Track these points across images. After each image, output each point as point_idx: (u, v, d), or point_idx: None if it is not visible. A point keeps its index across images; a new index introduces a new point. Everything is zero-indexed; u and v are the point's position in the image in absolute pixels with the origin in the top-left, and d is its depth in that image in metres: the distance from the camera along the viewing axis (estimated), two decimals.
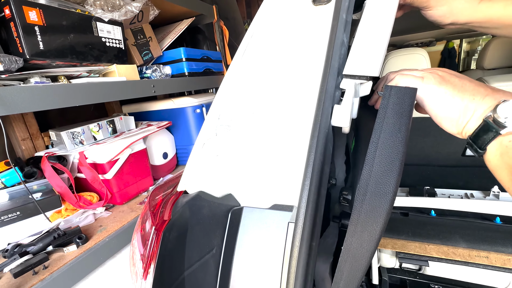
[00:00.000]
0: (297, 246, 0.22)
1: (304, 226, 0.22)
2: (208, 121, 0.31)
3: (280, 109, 0.30)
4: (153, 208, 0.28)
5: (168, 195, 0.29)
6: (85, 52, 0.85)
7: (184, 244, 0.25)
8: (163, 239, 0.23)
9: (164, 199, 0.29)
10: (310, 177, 0.23)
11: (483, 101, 0.29)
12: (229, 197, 0.30)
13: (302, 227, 0.22)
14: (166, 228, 0.23)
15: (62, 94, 0.74)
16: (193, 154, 0.29)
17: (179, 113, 1.37)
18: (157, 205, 0.29)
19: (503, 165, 0.27)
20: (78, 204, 0.92)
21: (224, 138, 0.29)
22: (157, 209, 0.28)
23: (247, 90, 0.31)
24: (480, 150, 0.29)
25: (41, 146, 1.11)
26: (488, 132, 0.28)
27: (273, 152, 0.29)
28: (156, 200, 0.30)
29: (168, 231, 0.23)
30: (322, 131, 0.24)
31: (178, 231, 0.24)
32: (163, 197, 0.30)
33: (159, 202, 0.29)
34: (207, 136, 0.30)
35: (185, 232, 0.25)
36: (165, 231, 0.23)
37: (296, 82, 0.30)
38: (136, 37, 1.11)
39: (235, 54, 0.33)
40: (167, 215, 0.25)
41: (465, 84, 0.31)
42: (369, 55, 0.28)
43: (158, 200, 0.30)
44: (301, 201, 0.23)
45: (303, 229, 0.22)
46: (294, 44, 0.31)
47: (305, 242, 0.21)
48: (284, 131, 0.29)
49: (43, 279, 0.67)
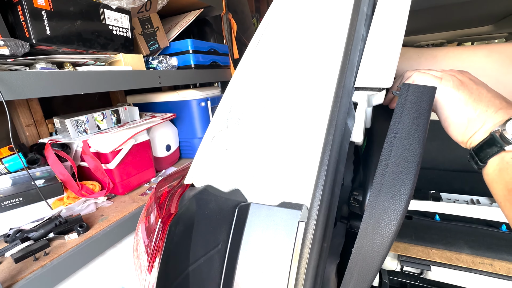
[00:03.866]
0: (308, 247, 0.21)
1: (316, 226, 0.21)
2: (218, 113, 0.30)
3: (294, 104, 0.29)
4: (158, 200, 0.27)
5: (175, 188, 0.28)
6: (91, 40, 0.84)
7: (190, 238, 0.24)
8: (169, 232, 0.22)
9: (170, 191, 0.28)
10: (325, 175, 0.22)
11: (495, 115, 0.28)
12: (236, 192, 0.30)
13: (315, 227, 0.21)
14: (173, 221, 0.22)
15: (68, 81, 0.73)
16: (202, 147, 0.29)
17: (183, 105, 1.36)
18: (163, 197, 0.28)
19: (500, 180, 0.27)
20: (80, 193, 0.92)
21: (234, 132, 0.28)
22: (162, 201, 0.28)
23: (259, 83, 0.30)
24: (480, 163, 0.29)
25: (45, 133, 1.11)
26: (493, 146, 0.27)
27: (285, 148, 0.28)
28: (161, 192, 0.29)
29: (175, 224, 0.23)
30: (339, 128, 0.23)
31: (185, 225, 0.24)
32: (169, 189, 0.29)
33: (165, 194, 0.28)
34: (217, 128, 0.29)
35: (191, 226, 0.24)
36: (171, 225, 0.22)
37: (311, 76, 0.29)
38: (143, 26, 1.10)
39: (249, 44, 0.32)
40: (174, 208, 0.24)
41: (482, 93, 0.30)
42: (381, 65, 0.26)
43: (164, 191, 0.29)
44: (314, 200, 0.22)
45: (315, 229, 0.21)
46: (311, 36, 0.30)
47: (317, 242, 0.20)
48: (298, 126, 0.28)
49: (43, 266, 0.67)
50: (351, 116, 0.25)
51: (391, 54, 0.26)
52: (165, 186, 0.31)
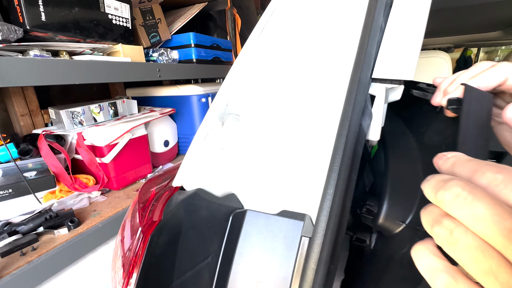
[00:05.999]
0: (312, 269, 0.18)
1: (323, 245, 0.18)
2: (213, 108, 0.27)
3: (300, 100, 0.26)
4: (143, 204, 0.24)
5: (162, 190, 0.25)
6: (89, 28, 0.81)
7: (175, 250, 0.21)
8: (150, 244, 0.19)
9: (156, 194, 0.25)
10: (335, 185, 0.19)
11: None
12: (231, 198, 0.27)
13: (321, 245, 0.18)
14: (155, 231, 0.19)
15: (63, 70, 0.70)
16: (193, 146, 0.25)
17: (183, 101, 1.33)
18: (148, 200, 0.25)
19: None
20: (73, 186, 0.89)
21: (231, 129, 0.25)
22: (147, 205, 0.25)
23: (262, 76, 0.27)
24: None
25: (40, 124, 1.08)
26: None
27: (288, 150, 0.25)
28: (147, 194, 0.26)
29: (157, 234, 0.20)
30: (352, 129, 0.20)
31: (169, 234, 0.21)
32: (156, 191, 0.26)
33: (151, 197, 0.25)
34: (212, 125, 0.25)
35: (177, 236, 0.21)
36: (153, 235, 0.19)
37: (321, 69, 0.25)
38: (144, 17, 1.06)
39: (251, 33, 0.29)
40: (158, 215, 0.21)
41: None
42: (403, 54, 0.23)
43: (150, 194, 0.26)
44: (321, 213, 0.19)
45: (322, 248, 0.18)
46: (322, 26, 0.27)
47: (323, 264, 0.17)
48: (304, 125, 0.24)
49: (30, 261, 0.64)
50: (366, 115, 0.22)
51: (414, 43, 0.23)
52: (153, 188, 0.28)
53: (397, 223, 0.28)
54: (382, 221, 0.29)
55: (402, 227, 0.27)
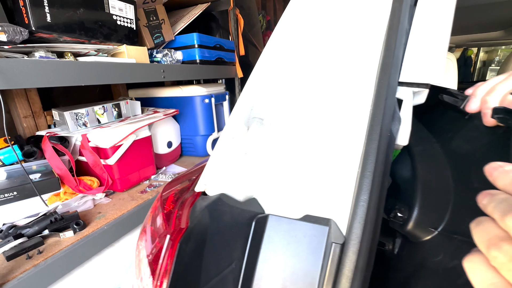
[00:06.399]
0: (348, 277, 0.17)
1: (359, 252, 0.17)
2: (238, 111, 0.26)
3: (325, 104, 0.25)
4: (165, 209, 0.24)
5: (184, 195, 0.25)
6: (94, 29, 0.80)
7: (202, 257, 0.21)
8: (179, 251, 0.19)
9: (179, 200, 0.24)
10: (369, 191, 0.18)
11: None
12: (252, 202, 0.26)
13: (357, 253, 0.17)
14: (183, 238, 0.19)
15: (68, 71, 0.69)
16: (218, 150, 0.25)
17: (187, 101, 1.32)
18: (170, 204, 0.24)
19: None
20: (78, 188, 0.89)
21: (255, 134, 0.25)
22: (169, 210, 0.24)
23: (285, 78, 0.27)
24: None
25: (43, 125, 1.07)
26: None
27: (311, 154, 0.25)
28: (167, 197, 0.25)
29: (185, 241, 0.19)
30: (384, 134, 0.20)
31: (196, 241, 0.20)
32: (178, 196, 0.26)
33: (171, 197, 0.25)
34: (237, 129, 0.25)
35: (203, 243, 0.21)
36: (181, 242, 0.19)
37: (345, 72, 0.25)
38: (148, 18, 1.06)
39: (272, 34, 0.29)
40: (185, 222, 0.20)
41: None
42: (430, 57, 0.23)
43: (170, 197, 0.26)
44: (354, 220, 0.18)
45: (358, 256, 0.17)
46: (344, 27, 0.26)
47: (360, 272, 0.17)
48: (327, 130, 0.24)
49: (36, 265, 0.63)
50: (396, 119, 0.22)
51: (440, 45, 0.23)
52: (172, 191, 0.27)
53: (428, 230, 0.27)
54: (412, 227, 0.29)
55: (433, 234, 0.27)
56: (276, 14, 3.47)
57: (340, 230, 0.21)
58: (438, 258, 0.25)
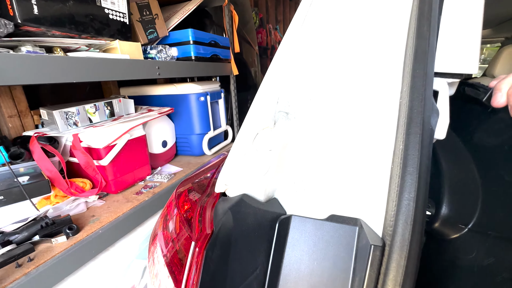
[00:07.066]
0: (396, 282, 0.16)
1: (408, 256, 0.16)
2: (261, 104, 0.24)
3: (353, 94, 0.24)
4: (182, 211, 0.22)
5: (203, 197, 0.23)
6: (85, 23, 0.76)
7: (227, 264, 0.19)
8: (205, 259, 0.17)
9: (198, 202, 0.22)
10: (416, 188, 0.17)
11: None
12: (274, 203, 0.24)
13: (407, 257, 0.16)
14: (210, 245, 0.17)
15: (58, 67, 0.65)
16: (238, 148, 0.23)
17: (181, 99, 1.29)
18: (186, 206, 0.22)
19: None
20: (69, 191, 0.85)
21: (282, 129, 0.23)
22: (185, 211, 0.22)
23: (308, 70, 0.25)
24: None
25: (30, 125, 1.02)
26: None
27: (337, 151, 0.23)
28: (183, 199, 0.23)
29: (211, 248, 0.17)
30: (426, 127, 0.18)
31: (222, 247, 0.18)
32: (196, 197, 0.24)
33: (187, 202, 0.23)
34: (262, 124, 0.23)
35: (228, 249, 0.19)
36: (208, 250, 0.17)
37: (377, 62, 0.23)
38: (141, 12, 1.02)
39: (291, 22, 0.27)
40: (209, 226, 0.18)
41: None
42: (465, 46, 0.21)
43: (184, 197, 0.23)
44: (398, 220, 0.17)
45: (408, 260, 0.16)
46: (368, 14, 0.25)
47: (410, 277, 0.16)
48: (358, 122, 0.22)
49: (27, 273, 0.60)
50: (434, 111, 0.21)
51: (474, 33, 0.21)
52: (187, 192, 0.25)
53: (457, 227, 0.26)
54: (440, 224, 0.27)
55: (464, 231, 0.26)
56: (268, 11, 3.46)
57: (374, 230, 0.20)
58: (471, 255, 0.24)
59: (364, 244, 0.20)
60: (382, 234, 0.19)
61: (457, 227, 0.27)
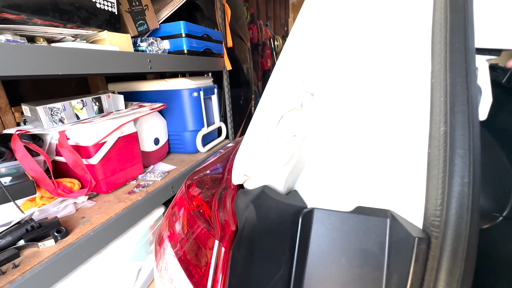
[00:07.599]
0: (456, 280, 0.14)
1: (468, 252, 0.14)
2: (285, 83, 0.21)
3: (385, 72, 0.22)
4: (198, 207, 0.19)
5: (220, 190, 0.20)
6: (70, 12, 0.71)
7: (252, 264, 0.17)
8: (232, 260, 0.14)
9: (215, 194, 0.20)
10: (470, 172, 0.15)
11: None
12: (294, 195, 0.22)
13: (465, 251, 0.14)
14: (235, 244, 0.15)
15: (41, 58, 0.60)
16: (257, 133, 0.20)
17: (173, 95, 1.25)
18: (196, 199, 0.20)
19: None
20: (56, 192, 0.80)
21: (308, 111, 0.21)
22: (196, 206, 0.20)
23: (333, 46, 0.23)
24: None
25: (10, 123, 0.95)
26: None
27: (365, 136, 0.21)
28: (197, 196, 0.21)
29: (237, 247, 0.15)
30: (474, 106, 0.17)
31: (247, 245, 0.16)
32: (208, 191, 0.21)
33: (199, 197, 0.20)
34: (288, 106, 0.20)
35: (253, 246, 0.17)
36: (234, 249, 0.14)
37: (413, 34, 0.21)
38: (131, 3, 0.97)
39: None
40: (232, 223, 0.16)
41: None
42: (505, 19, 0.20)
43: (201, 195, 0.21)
44: (449, 209, 0.15)
45: (467, 257, 0.14)
46: None
47: (469, 272, 0.14)
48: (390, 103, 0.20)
49: (12, 281, 0.55)
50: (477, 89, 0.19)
51: None
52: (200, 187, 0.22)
53: (491, 215, 0.25)
54: None
55: (498, 219, 0.25)
56: (259, 8, 3.42)
57: (411, 222, 0.18)
58: (509, 245, 0.23)
59: (401, 237, 0.18)
60: (423, 226, 0.17)
61: (491, 215, 0.26)
